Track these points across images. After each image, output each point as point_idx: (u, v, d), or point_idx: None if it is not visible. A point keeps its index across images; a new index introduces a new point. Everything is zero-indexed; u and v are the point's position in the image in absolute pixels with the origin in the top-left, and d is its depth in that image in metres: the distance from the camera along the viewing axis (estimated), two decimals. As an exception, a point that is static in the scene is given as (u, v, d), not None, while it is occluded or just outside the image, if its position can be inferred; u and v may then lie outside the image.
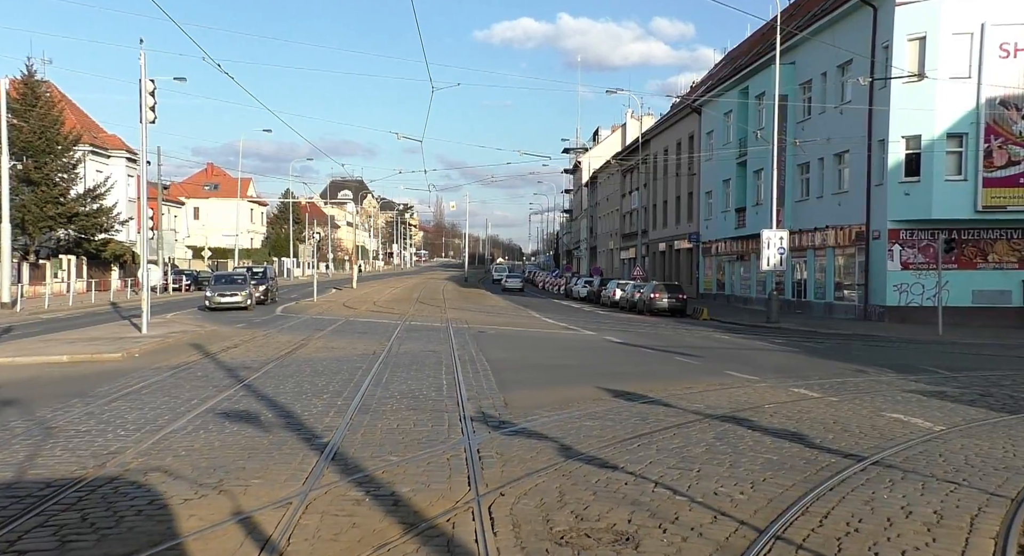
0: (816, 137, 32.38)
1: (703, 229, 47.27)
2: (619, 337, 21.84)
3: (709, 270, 47.08)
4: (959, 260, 27.92)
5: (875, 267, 29.46)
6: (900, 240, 28.55)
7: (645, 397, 11.61)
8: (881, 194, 28.88)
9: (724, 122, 42.54)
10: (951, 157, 27.36)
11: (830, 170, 32.78)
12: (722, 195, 43.34)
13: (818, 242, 33.80)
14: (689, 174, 49.42)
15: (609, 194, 74.93)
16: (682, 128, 50.72)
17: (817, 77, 33.40)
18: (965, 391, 12.85)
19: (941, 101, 27.07)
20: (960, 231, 27.69)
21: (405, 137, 31.53)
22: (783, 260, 29.33)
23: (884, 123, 28.31)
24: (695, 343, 21.22)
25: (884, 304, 28.76)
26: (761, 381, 13.69)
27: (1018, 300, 27.74)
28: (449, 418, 9.92)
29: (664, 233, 55.56)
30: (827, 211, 32.88)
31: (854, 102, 30.48)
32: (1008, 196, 26.79)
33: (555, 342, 20.74)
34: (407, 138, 35.00)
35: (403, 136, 25.70)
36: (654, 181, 57.52)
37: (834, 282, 32.88)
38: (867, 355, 18.63)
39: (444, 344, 18.85)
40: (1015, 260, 27.83)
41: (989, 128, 26.75)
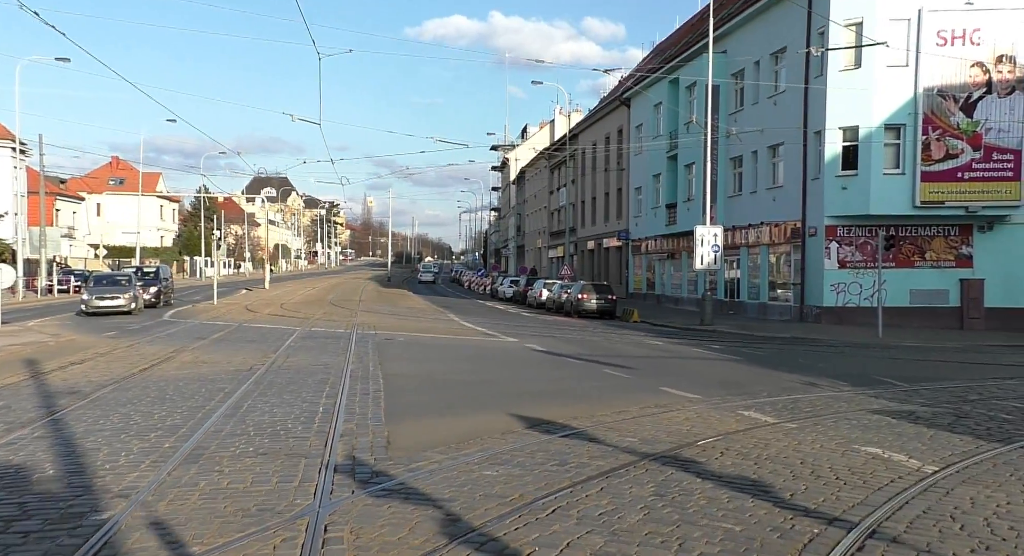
0: (749, 129, 30.88)
1: (633, 226, 45.63)
2: (543, 344, 19.63)
3: (639, 269, 45.47)
4: (896, 258, 26.73)
5: (811, 266, 28.07)
6: (837, 237, 27.19)
7: (567, 428, 9.35)
8: (817, 189, 27.49)
9: (654, 114, 40.91)
10: (889, 150, 26.12)
11: (764, 164, 31.35)
12: (652, 191, 41.73)
13: (752, 239, 32.36)
14: (618, 169, 47.76)
15: (537, 191, 73.02)
16: (611, 122, 49.03)
17: (750, 66, 31.93)
18: (936, 411, 11.02)
19: (878, 91, 25.79)
20: (898, 228, 26.48)
21: (300, 119, 29.00)
22: (717, 258, 27.67)
23: (820, 113, 26.90)
24: (626, 351, 19.16)
25: (821, 304, 27.37)
26: (703, 400, 11.62)
27: (955, 300, 26.69)
28: (306, 467, 7.43)
29: (593, 231, 53.84)
30: (761, 207, 31.45)
31: (789, 92, 29.06)
32: (946, 191, 25.66)
33: (470, 351, 18.38)
34: (303, 120, 31.85)
35: (298, 118, 23.29)
36: (582, 177, 55.75)
37: (768, 281, 31.47)
38: (812, 363, 16.86)
39: (340, 355, 16.28)
40: (952, 258, 26.78)
41: (927, 119, 25.58)
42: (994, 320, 26.22)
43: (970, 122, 25.39)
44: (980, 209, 25.63)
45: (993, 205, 25.63)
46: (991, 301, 26.39)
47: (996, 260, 26.40)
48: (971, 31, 25.20)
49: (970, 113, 25.40)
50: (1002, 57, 25.20)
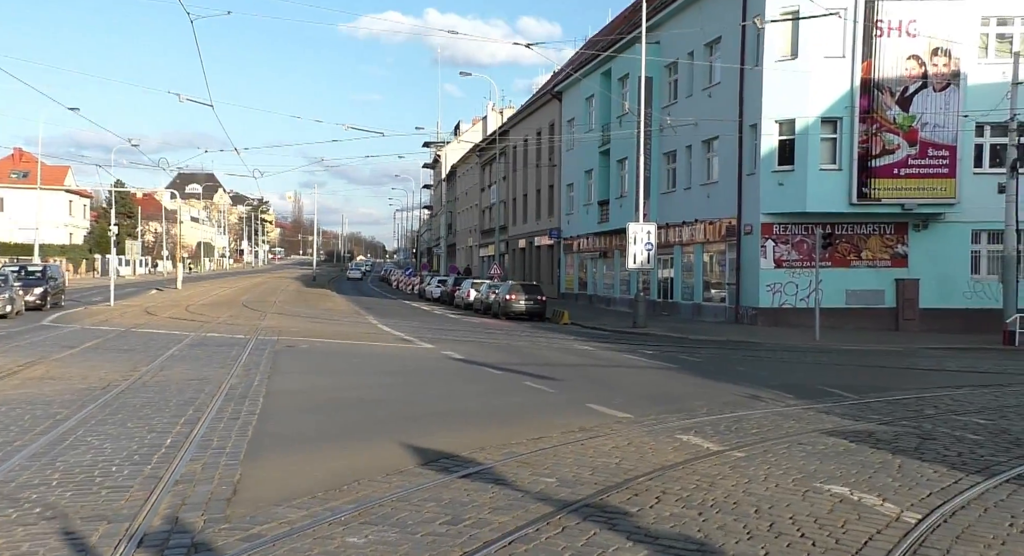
0: (684, 122, 29.68)
1: (564, 224, 44.24)
2: (462, 351, 17.84)
3: (571, 268, 44.10)
4: (833, 258, 25.84)
5: (747, 265, 27.01)
6: (773, 235, 26.17)
7: (470, 463, 7.59)
8: (753, 185, 26.43)
9: (586, 108, 39.54)
10: (826, 144, 25.19)
11: (699, 159, 30.22)
12: (584, 187, 40.38)
13: (686, 238, 31.22)
14: (550, 166, 46.31)
15: (468, 188, 71.20)
16: (542, 116, 47.54)
17: (684, 57, 30.78)
18: (897, 431, 9.65)
19: (815, 82, 24.82)
20: (835, 225, 25.58)
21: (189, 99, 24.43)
22: (651, 257, 26.34)
23: (756, 106, 25.83)
24: (552, 358, 17.53)
25: (756, 305, 26.31)
26: (635, 420, 10.02)
27: (891, 301, 25.95)
28: (101, 541, 5.46)
29: (524, 229, 52.31)
30: (696, 204, 30.32)
31: (724, 84, 27.96)
32: (883, 187, 24.86)
33: (379, 361, 16.47)
34: (191, 100, 26.43)
35: (186, 98, 19.83)
36: (513, 174, 54.17)
37: (703, 281, 30.36)
38: (752, 371, 15.51)
39: (225, 367, 14.17)
40: (888, 258, 26.03)
41: (864, 113, 24.70)
42: (928, 321, 25.57)
43: (906, 116, 24.64)
44: (916, 207, 24.93)
45: (929, 203, 24.95)
46: (926, 301, 25.74)
47: (931, 259, 25.76)
48: (907, 22, 24.44)
49: (906, 107, 24.65)
50: (937, 50, 24.52)
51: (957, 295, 25.72)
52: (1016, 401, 12.20)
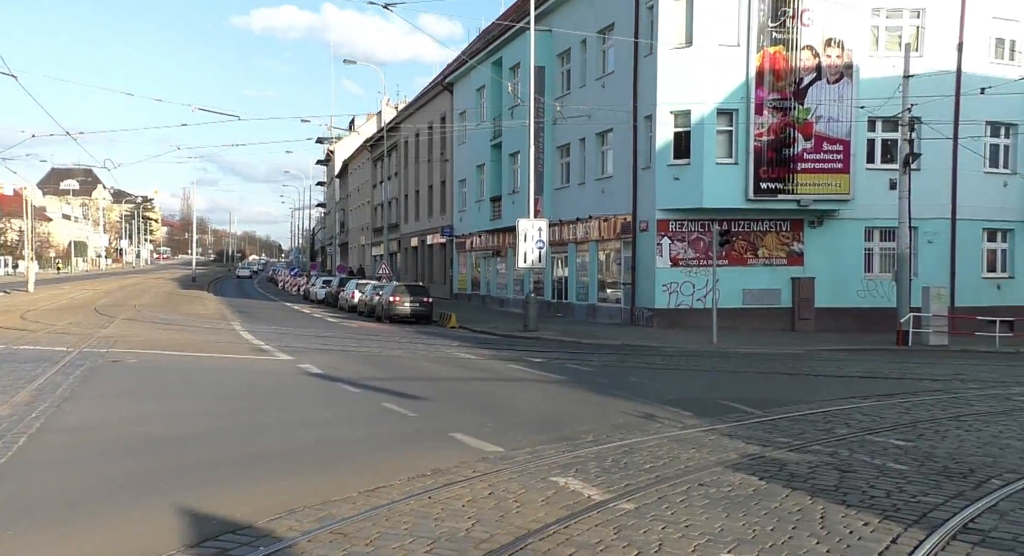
0: (577, 113, 28.20)
1: (457, 222, 42.27)
2: (325, 363, 15.57)
3: (464, 268, 42.18)
4: (730, 256, 24.84)
5: (643, 264, 25.73)
6: (669, 232, 24.96)
7: (261, 542, 5.49)
8: (648, 179, 25.15)
9: (477, 99, 37.68)
10: (722, 137, 24.14)
11: (593, 152, 28.82)
12: (476, 183, 38.53)
13: (580, 235, 29.79)
14: (442, 160, 44.25)
15: (360, 185, 68.29)
16: (433, 109, 45.39)
17: (576, 45, 29.31)
18: (811, 460, 8.13)
19: (710, 72, 23.72)
20: (732, 222, 24.56)
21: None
22: (542, 256, 24.68)
23: (650, 96, 24.55)
24: (427, 370, 15.51)
25: (652, 306, 25.05)
26: (504, 456, 8.15)
27: (787, 300, 25.16)
28: None
29: (417, 227, 50.06)
30: (590, 199, 28.91)
31: (617, 73, 26.61)
32: (779, 183, 23.99)
33: (217, 379, 14.03)
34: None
35: None
36: (405, 169, 51.83)
37: (598, 281, 28.98)
38: (648, 382, 13.95)
39: (9, 392, 11.43)
40: (784, 256, 25.23)
41: (760, 105, 23.77)
42: (824, 320, 24.92)
43: (802, 109, 23.86)
44: (812, 203, 24.18)
45: (824, 199, 24.26)
46: (821, 301, 25.08)
47: (825, 257, 25.13)
48: (801, 11, 23.66)
49: (801, 100, 23.87)
50: (831, 41, 23.83)
51: (851, 294, 25.18)
52: (927, 414, 11.01)
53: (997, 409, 11.43)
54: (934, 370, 16.32)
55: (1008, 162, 26.42)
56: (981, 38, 25.54)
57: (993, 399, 12.39)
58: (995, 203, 26.10)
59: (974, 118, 24.70)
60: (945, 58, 24.89)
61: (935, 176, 25.10)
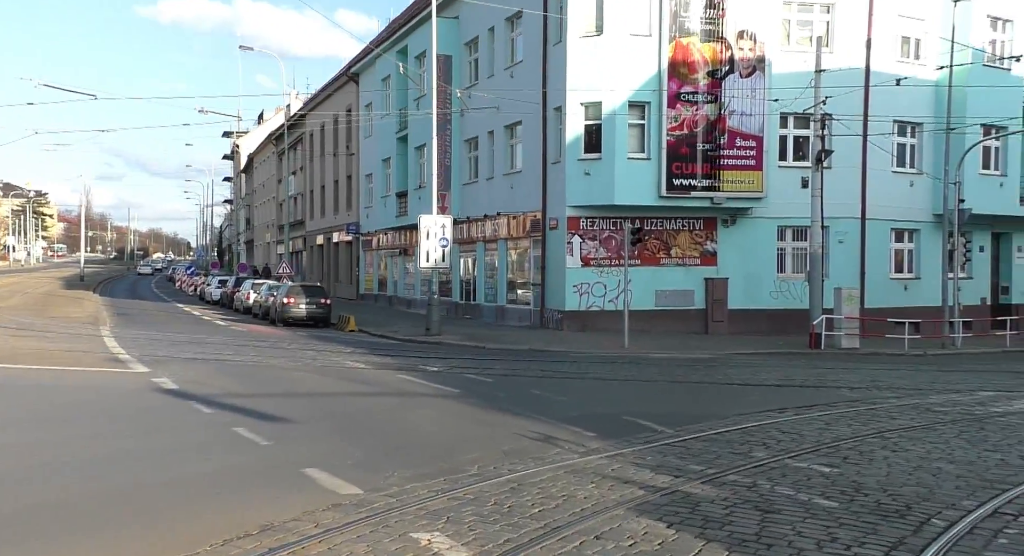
0: (485, 104, 26.80)
1: (363, 218, 40.34)
2: (186, 377, 13.64)
3: (371, 267, 40.27)
4: (642, 255, 23.89)
5: (553, 263, 24.53)
6: (580, 230, 23.83)
7: None
8: (558, 174, 23.97)
9: (383, 90, 35.86)
10: (634, 131, 23.15)
11: (501, 145, 27.49)
12: (383, 177, 36.72)
13: (489, 233, 28.41)
14: (348, 154, 42.19)
15: (265, 180, 65.26)
16: (339, 101, 43.24)
17: (484, 33, 27.92)
18: (727, 498, 6.93)
19: (622, 62, 22.69)
20: (644, 220, 23.61)
21: None
22: (446, 255, 23.17)
23: (560, 87, 23.38)
24: (305, 383, 13.80)
25: (563, 308, 23.87)
26: (363, 500, 6.66)
27: (701, 302, 24.38)
28: None
29: (322, 224, 47.81)
30: (499, 195, 27.56)
31: (526, 62, 25.35)
32: (692, 180, 23.14)
33: (43, 398, 11.96)
34: None
35: None
36: (311, 163, 49.47)
37: (507, 281, 27.66)
38: (551, 395, 12.63)
39: None
40: (698, 255, 24.44)
41: (672, 98, 22.87)
42: (737, 322, 24.26)
43: (715, 103, 23.07)
44: (725, 201, 23.44)
45: (737, 196, 23.55)
46: (734, 302, 24.41)
47: (739, 257, 24.46)
48: (714, 1, 22.84)
49: (714, 93, 23.09)
50: (743, 33, 23.13)
51: (764, 295, 24.59)
52: (849, 430, 10.05)
53: (919, 422, 10.58)
54: (849, 376, 15.60)
55: (914, 162, 26.38)
56: (888, 36, 25.38)
57: (913, 410, 11.58)
58: (903, 203, 26.00)
59: (883, 116, 24.47)
60: (854, 55, 24.59)
61: (846, 175, 24.78)
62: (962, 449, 8.97)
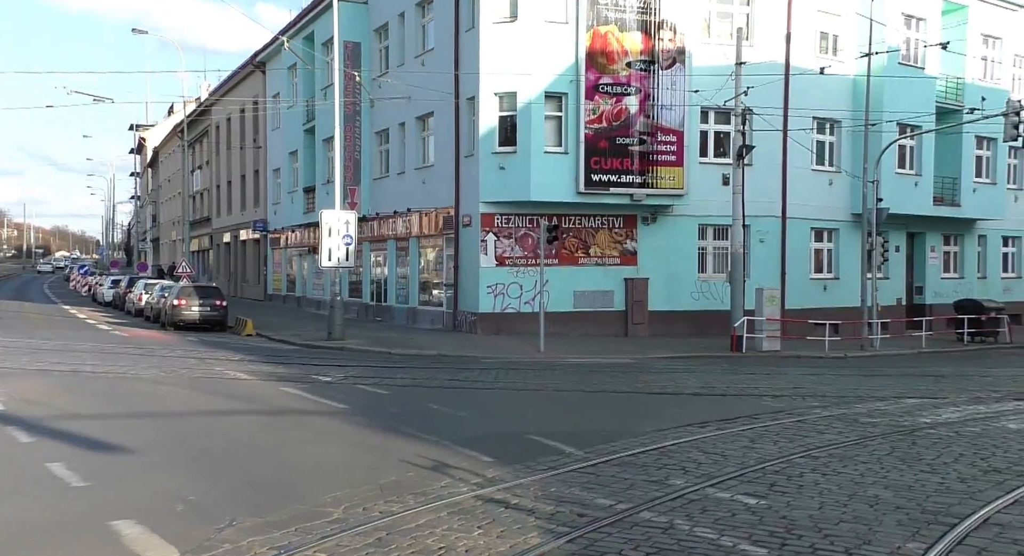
0: (396, 95, 25.28)
1: (271, 215, 38.20)
2: (20, 394, 11.71)
3: (279, 266, 38.14)
4: (560, 254, 22.80)
5: (466, 263, 23.21)
6: (495, 228, 22.58)
7: None
8: (472, 168, 22.66)
9: (289, 79, 33.89)
10: (551, 123, 22.01)
11: (413, 138, 26.01)
12: (290, 172, 34.72)
13: (400, 231, 26.90)
14: (255, 147, 39.94)
15: (171, 175, 61.87)
16: (246, 91, 40.87)
17: (394, 19, 26.38)
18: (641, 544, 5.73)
19: (538, 51, 21.52)
20: (562, 217, 22.52)
21: None
22: (350, 253, 21.58)
23: (473, 76, 22.07)
24: (166, 400, 12.09)
25: (476, 310, 22.57)
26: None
27: (621, 303, 23.43)
28: None
29: (229, 221, 45.32)
30: (411, 191, 26.07)
31: (438, 50, 23.95)
32: (611, 175, 22.15)
33: None
34: None
35: None
36: (217, 158, 46.87)
37: (420, 282, 26.20)
38: (450, 411, 11.30)
39: None
40: (617, 255, 23.48)
41: (590, 89, 21.82)
42: (658, 324, 23.41)
43: (634, 96, 22.13)
44: (645, 197, 22.53)
45: (658, 193, 22.68)
46: (655, 303, 23.54)
47: (659, 257, 23.61)
48: (634, -10, 21.92)
49: (634, 85, 22.14)
50: (663, 23, 22.26)
51: (685, 296, 23.82)
52: (775, 448, 9.05)
53: (848, 437, 9.67)
54: (772, 383, 14.78)
55: (833, 160, 26.09)
56: (808, 31, 24.99)
57: (840, 422, 10.71)
58: (822, 201, 25.66)
59: (802, 113, 24.04)
60: (774, 49, 24.08)
61: (766, 172, 24.25)
62: (897, 470, 8.05)
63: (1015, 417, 11.26)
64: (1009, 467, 8.24)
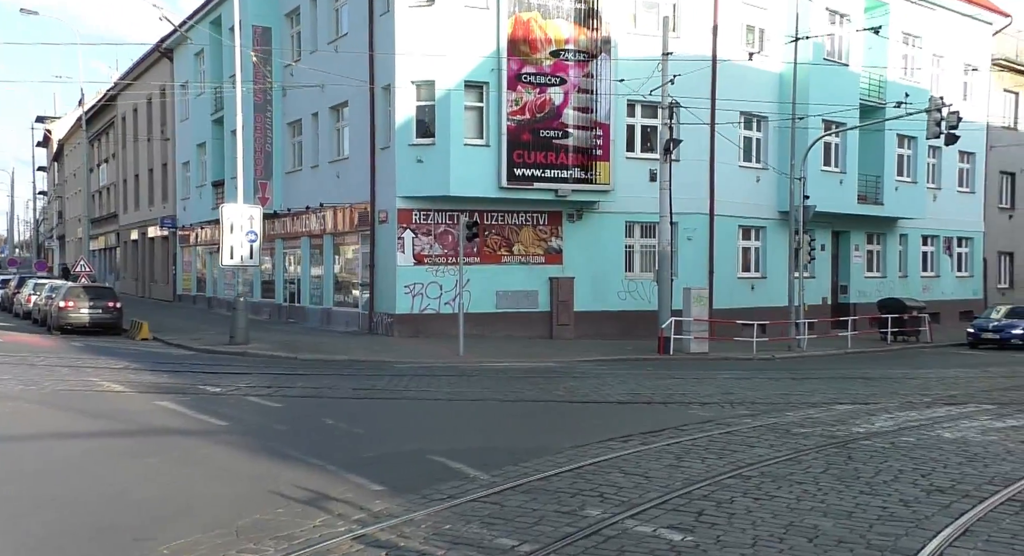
0: (307, 83, 23.80)
1: (180, 211, 36.04)
2: None
3: (189, 265, 36.00)
4: (481, 253, 21.72)
5: (383, 261, 21.92)
6: (413, 225, 21.34)
7: None
8: (388, 161, 21.38)
9: (197, 66, 31.91)
10: (471, 114, 20.90)
11: (327, 129, 24.58)
12: (199, 165, 32.71)
13: (314, 227, 25.41)
14: (163, 139, 37.66)
15: (76, 169, 58.36)
16: (153, 80, 38.50)
17: (306, 3, 24.86)
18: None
19: (457, 37, 20.38)
20: (484, 213, 21.44)
21: None
22: (255, 251, 20.05)
23: (389, 63, 20.81)
24: (3, 420, 10.51)
25: (393, 312, 21.29)
26: None
27: (546, 303, 22.48)
28: None
29: (137, 217, 42.82)
30: (325, 185, 24.62)
31: (352, 35, 22.60)
32: (535, 169, 21.17)
33: None
34: None
35: None
36: (124, 150, 44.22)
37: (334, 281, 24.76)
38: (346, 425, 10.10)
39: None
40: (542, 253, 22.52)
41: (513, 79, 20.79)
42: (584, 325, 22.55)
43: (558, 87, 21.19)
44: (570, 193, 21.63)
45: (583, 189, 21.81)
46: (581, 303, 22.68)
47: (585, 255, 22.76)
48: (558, -24, 20.97)
49: (558, 76, 21.21)
50: (589, 11, 21.39)
51: (612, 296, 23.03)
52: (702, 466, 8.16)
53: (781, 452, 8.84)
54: (700, 388, 13.99)
55: (760, 156, 25.69)
56: (734, 24, 24.50)
57: (771, 433, 9.91)
58: (750, 199, 25.23)
59: (730, 106, 23.54)
60: (701, 42, 23.52)
61: (694, 168, 23.65)
62: (835, 492, 7.21)
63: (949, 424, 10.68)
64: (952, 486, 7.50)
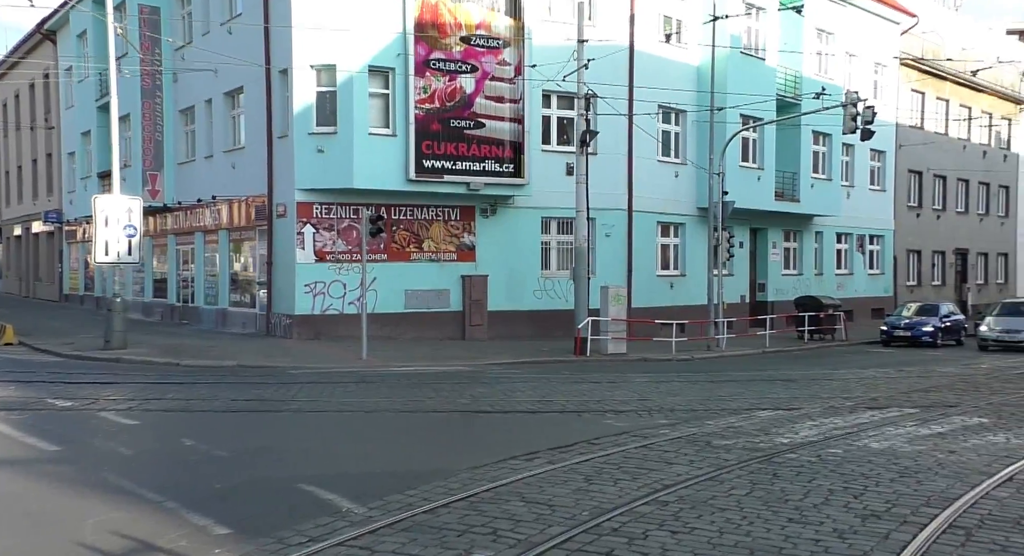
0: (199, 67, 21.98)
1: (66, 205, 33.37)
2: None
3: (76, 263, 33.36)
4: (389, 249, 20.40)
5: (281, 258, 20.34)
6: (314, 219, 19.84)
7: None
8: (286, 151, 19.82)
9: (81, 49, 29.45)
10: (377, 102, 19.54)
11: (222, 116, 22.80)
12: (84, 155, 30.25)
13: (209, 222, 23.58)
14: (47, 128, 34.83)
15: (-42, 159, 54.12)
16: (35, 63, 35.56)
17: (199, -21, 22.99)
18: None
19: (360, 19, 18.99)
20: (392, 208, 20.12)
21: None
22: (133, 247, 18.24)
23: (286, 46, 19.30)
24: None
25: (292, 312, 19.75)
26: None
27: (458, 303, 21.30)
28: None
29: (20, 211, 39.67)
30: (220, 177, 22.84)
31: (247, 16, 20.91)
32: (446, 161, 19.96)
33: None
34: None
35: None
36: (5, 139, 40.91)
37: (230, 280, 22.99)
38: (208, 444, 8.71)
39: None
40: (454, 250, 21.32)
41: (420, 65, 19.52)
42: (498, 326, 21.48)
43: (469, 74, 20.04)
44: (483, 187, 20.50)
45: (496, 183, 20.72)
46: (495, 303, 21.60)
47: (499, 252, 21.69)
48: (468, -43, 19.81)
49: (469, 63, 20.06)
50: (503, -4, 20.31)
51: (527, 294, 22.03)
52: (615, 490, 7.16)
53: (701, 469, 7.91)
54: (616, 394, 13.05)
55: (679, 151, 25.13)
56: (652, 14, 23.85)
57: (691, 446, 8.99)
58: (668, 194, 24.62)
59: (648, 98, 22.83)
60: (618, 30, 22.79)
61: (612, 163, 22.89)
62: (761, 521, 6.28)
63: (874, 433, 9.99)
64: (888, 509, 6.67)
